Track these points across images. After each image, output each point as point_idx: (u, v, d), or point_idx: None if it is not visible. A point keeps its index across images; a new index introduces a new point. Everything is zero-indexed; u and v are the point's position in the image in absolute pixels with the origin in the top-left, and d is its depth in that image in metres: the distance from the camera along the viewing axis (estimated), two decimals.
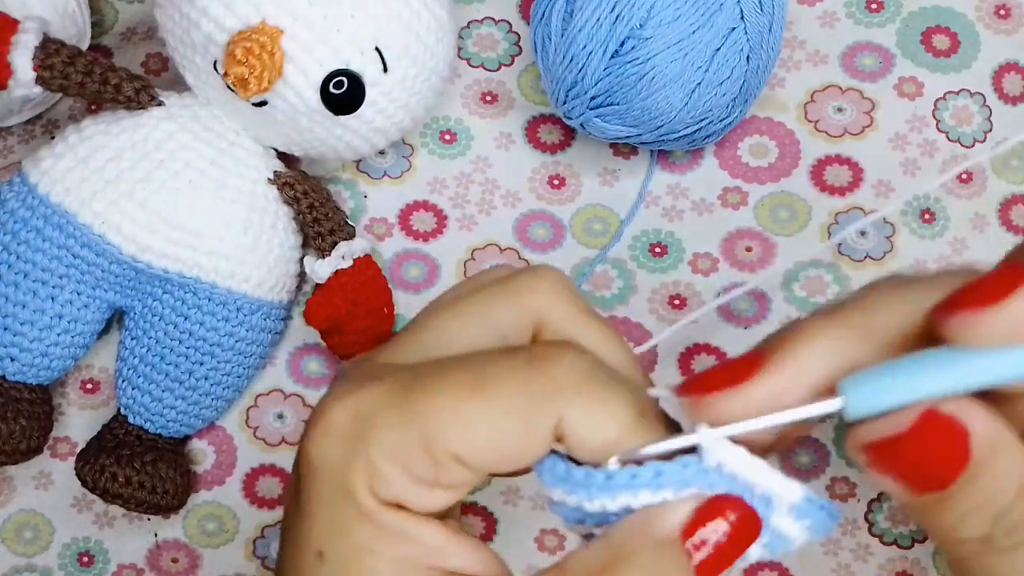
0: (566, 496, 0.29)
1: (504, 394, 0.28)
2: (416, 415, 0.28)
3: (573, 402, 0.28)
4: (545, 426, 0.28)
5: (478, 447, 0.28)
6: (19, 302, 0.49)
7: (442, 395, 0.28)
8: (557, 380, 0.28)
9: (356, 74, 0.47)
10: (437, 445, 0.28)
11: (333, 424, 0.29)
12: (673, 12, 0.48)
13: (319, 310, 0.50)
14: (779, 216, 0.54)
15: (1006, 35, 0.55)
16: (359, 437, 0.28)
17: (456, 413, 0.28)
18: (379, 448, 0.28)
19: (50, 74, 0.48)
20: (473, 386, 0.28)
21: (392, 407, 0.28)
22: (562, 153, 0.55)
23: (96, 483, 0.49)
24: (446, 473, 0.28)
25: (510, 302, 0.30)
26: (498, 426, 0.28)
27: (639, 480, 0.28)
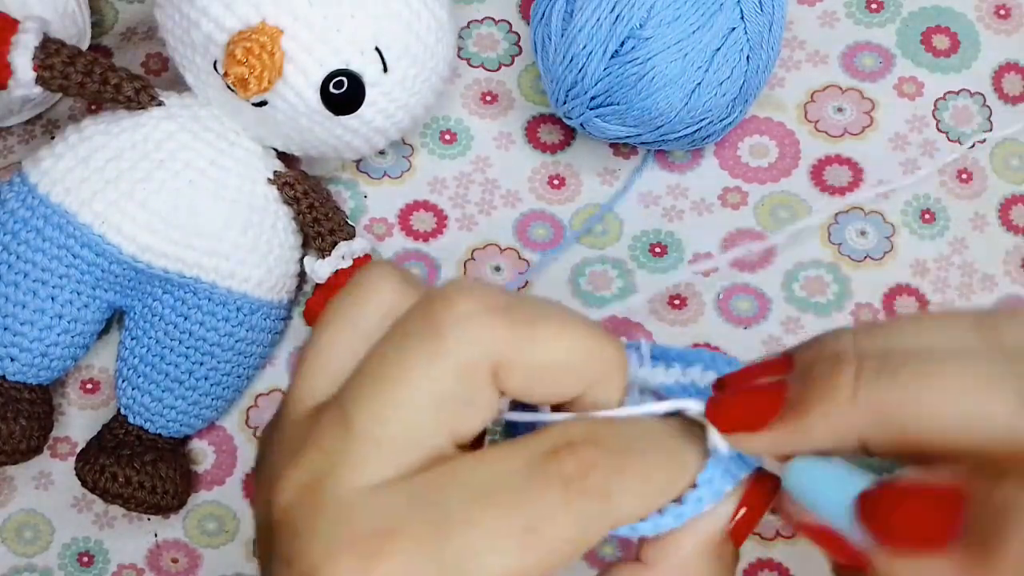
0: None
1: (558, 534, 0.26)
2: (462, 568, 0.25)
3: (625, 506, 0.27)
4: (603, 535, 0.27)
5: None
6: (19, 302, 0.49)
7: (491, 557, 0.25)
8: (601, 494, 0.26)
9: (356, 74, 0.47)
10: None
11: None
12: (673, 12, 0.48)
13: (319, 310, 0.50)
14: (779, 216, 0.54)
15: (1006, 35, 0.55)
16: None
17: (511, 570, 0.26)
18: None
19: (50, 74, 0.48)
20: (522, 538, 0.26)
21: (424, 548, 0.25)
22: (562, 153, 0.55)
23: (96, 483, 0.49)
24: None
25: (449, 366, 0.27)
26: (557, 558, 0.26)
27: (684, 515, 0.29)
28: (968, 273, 0.53)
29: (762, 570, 0.53)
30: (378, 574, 0.25)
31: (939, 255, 0.54)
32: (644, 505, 0.28)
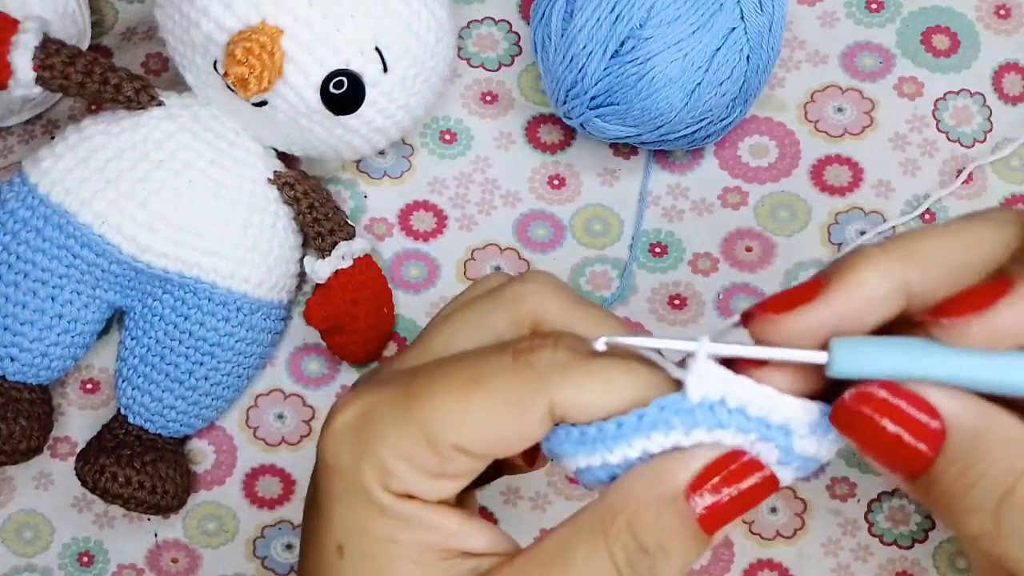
0: (589, 458, 0.30)
1: (496, 387, 0.30)
2: (416, 413, 0.30)
3: (561, 384, 0.30)
4: (539, 410, 0.30)
5: (477, 437, 0.30)
6: (19, 302, 0.49)
7: (440, 393, 0.30)
8: (541, 367, 0.30)
9: (356, 74, 0.47)
10: (439, 439, 0.30)
11: (342, 426, 0.31)
12: (673, 12, 0.48)
13: (319, 310, 0.50)
14: (779, 216, 0.54)
15: (1006, 35, 0.55)
16: (367, 437, 0.30)
17: (453, 408, 0.30)
18: (385, 446, 0.30)
19: (50, 74, 0.48)
20: (467, 382, 0.30)
21: (394, 407, 0.30)
22: (562, 153, 0.55)
23: (96, 483, 0.49)
24: (450, 464, 0.30)
25: (505, 307, 0.33)
26: (494, 416, 0.30)
27: (646, 420, 0.29)
28: None
29: (762, 570, 0.53)
30: (357, 402, 0.31)
31: None
32: (584, 394, 0.30)
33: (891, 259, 0.30)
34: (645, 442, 0.29)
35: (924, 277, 0.29)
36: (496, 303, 0.33)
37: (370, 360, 0.54)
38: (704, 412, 0.29)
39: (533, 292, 0.33)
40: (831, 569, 0.52)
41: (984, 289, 0.28)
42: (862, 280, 0.29)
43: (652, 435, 0.29)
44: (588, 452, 0.30)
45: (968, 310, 0.28)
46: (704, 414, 0.29)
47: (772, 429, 0.29)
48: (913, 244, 0.30)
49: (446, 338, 0.33)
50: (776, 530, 0.52)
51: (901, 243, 0.30)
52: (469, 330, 0.33)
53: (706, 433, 0.29)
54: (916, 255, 0.30)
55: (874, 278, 0.29)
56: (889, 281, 0.29)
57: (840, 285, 0.29)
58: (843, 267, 0.30)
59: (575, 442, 0.30)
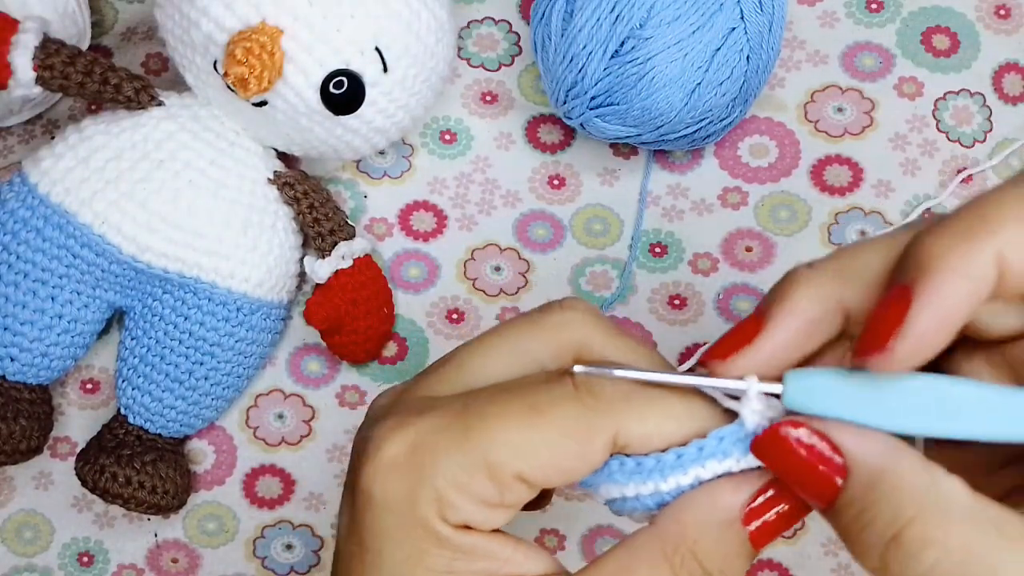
0: (640, 487, 0.30)
1: (560, 416, 0.29)
2: (476, 441, 0.29)
3: (626, 414, 0.29)
4: (603, 441, 0.29)
5: (540, 466, 0.29)
6: (19, 302, 0.49)
7: (500, 421, 0.29)
8: (605, 398, 0.30)
9: (356, 74, 0.47)
10: (501, 469, 0.29)
11: (391, 458, 0.30)
12: (673, 12, 0.48)
13: (319, 310, 0.50)
14: (779, 216, 0.54)
15: (1006, 35, 0.55)
16: (421, 468, 0.29)
17: (516, 437, 0.29)
18: (444, 477, 0.29)
19: (50, 74, 0.48)
20: (529, 411, 0.29)
21: (451, 436, 0.29)
22: (562, 153, 0.55)
23: (96, 483, 0.49)
24: (510, 493, 0.30)
25: (545, 336, 0.32)
26: (558, 447, 0.29)
27: (706, 451, 0.30)
28: None
29: (762, 570, 0.53)
30: (407, 431, 0.30)
31: None
32: (647, 425, 0.30)
33: (822, 280, 0.30)
34: (700, 470, 0.30)
35: (857, 295, 0.30)
36: (536, 330, 0.32)
37: (370, 360, 0.54)
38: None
39: (575, 321, 0.32)
40: (831, 569, 0.52)
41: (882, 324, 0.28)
42: (797, 308, 0.30)
43: (707, 463, 0.30)
44: (641, 481, 0.30)
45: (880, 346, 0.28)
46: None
47: None
48: (844, 261, 0.30)
49: (484, 363, 0.32)
50: None
51: (832, 262, 0.31)
52: (508, 357, 0.32)
53: (755, 459, 0.30)
54: (847, 272, 0.30)
55: (808, 303, 0.30)
56: (823, 303, 0.30)
57: (777, 316, 0.30)
58: (777, 296, 0.30)
59: (629, 472, 0.30)
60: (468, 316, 0.54)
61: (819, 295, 0.30)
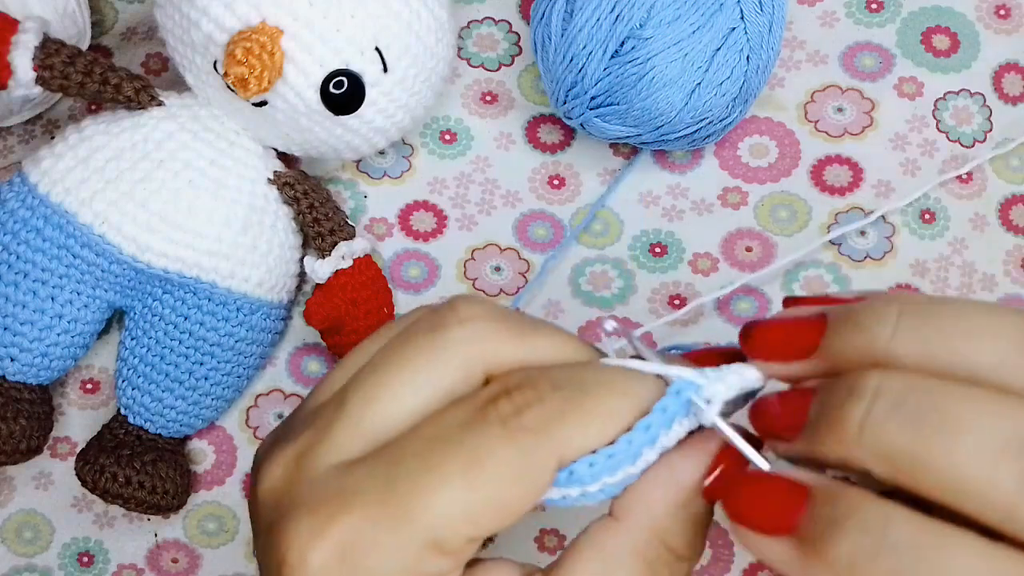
0: (585, 489, 0.29)
1: (498, 465, 0.27)
2: (416, 523, 0.26)
3: (565, 434, 0.28)
4: (549, 470, 0.28)
5: (490, 521, 0.27)
6: (19, 302, 0.49)
7: (437, 493, 0.27)
8: (539, 426, 0.27)
9: (356, 74, 0.47)
10: (450, 540, 0.27)
11: (320, 570, 0.26)
12: (673, 12, 0.48)
13: (319, 310, 0.50)
14: (779, 216, 0.54)
15: (1006, 35, 0.55)
16: (358, 572, 0.26)
17: (459, 505, 0.27)
18: (386, 573, 0.27)
19: (50, 74, 0.48)
20: (464, 471, 0.27)
21: (384, 525, 0.26)
22: (562, 153, 0.55)
23: (96, 483, 0.49)
24: (463, 555, 0.28)
25: (449, 359, 0.29)
26: (505, 495, 0.27)
27: (652, 430, 0.29)
28: (968, 273, 0.53)
29: (762, 570, 0.52)
30: (332, 532, 0.26)
31: (939, 255, 0.54)
32: (589, 436, 0.28)
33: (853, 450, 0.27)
34: (649, 450, 0.29)
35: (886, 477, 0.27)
36: (438, 355, 0.29)
37: None
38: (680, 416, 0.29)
39: (478, 333, 0.29)
40: None
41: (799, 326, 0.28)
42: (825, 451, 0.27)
43: (659, 439, 0.29)
44: (610, 474, 0.29)
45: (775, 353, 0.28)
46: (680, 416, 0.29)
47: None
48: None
49: (387, 408, 0.28)
50: None
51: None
52: (412, 393, 0.28)
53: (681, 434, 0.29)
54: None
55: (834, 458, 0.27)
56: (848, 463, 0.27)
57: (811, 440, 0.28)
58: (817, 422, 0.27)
59: (598, 471, 0.29)
60: None
61: (846, 461, 0.27)
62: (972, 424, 0.25)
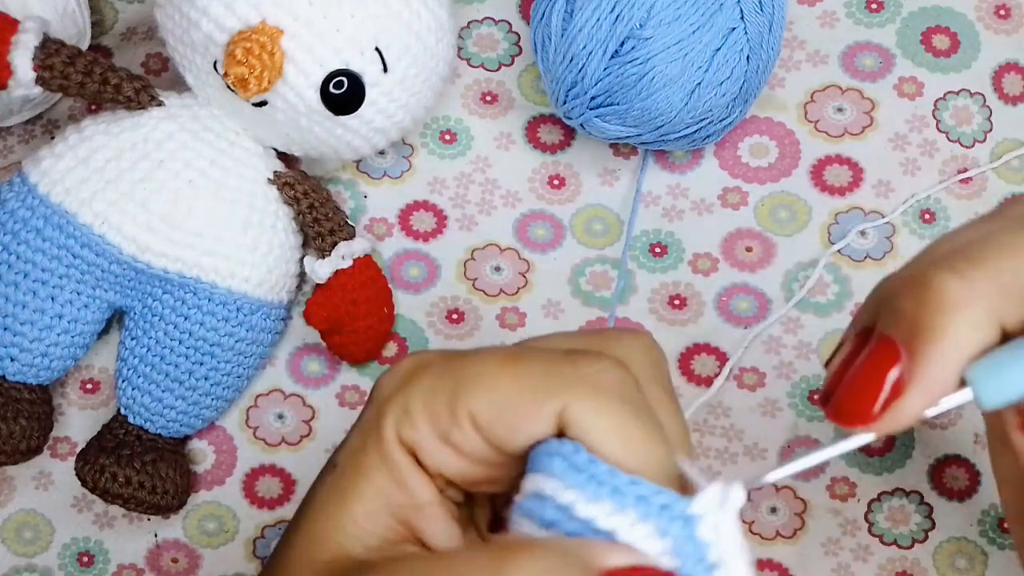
0: (561, 491, 0.28)
1: (527, 370, 0.29)
2: (452, 371, 0.30)
3: (585, 398, 0.28)
4: (550, 407, 0.29)
5: (489, 410, 0.29)
6: (19, 302, 0.49)
7: (479, 360, 0.30)
8: (578, 373, 0.29)
9: (356, 74, 0.47)
10: (458, 400, 0.30)
11: (399, 368, 0.31)
12: (673, 12, 0.48)
13: (319, 310, 0.50)
14: (779, 216, 0.54)
15: (1006, 35, 0.55)
16: (409, 380, 0.31)
17: (482, 375, 0.30)
18: (416, 392, 0.30)
19: (50, 74, 0.48)
20: (505, 358, 0.30)
21: (440, 363, 0.31)
22: (562, 153, 0.55)
23: (96, 483, 0.49)
24: (458, 432, 0.30)
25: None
26: (512, 395, 0.29)
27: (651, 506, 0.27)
28: None
29: (762, 570, 0.53)
30: (423, 355, 0.31)
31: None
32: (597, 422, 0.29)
33: (982, 301, 0.25)
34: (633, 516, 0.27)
35: (1018, 313, 0.25)
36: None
37: (370, 360, 0.53)
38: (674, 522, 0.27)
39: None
40: (831, 569, 0.52)
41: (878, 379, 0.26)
42: (956, 346, 0.25)
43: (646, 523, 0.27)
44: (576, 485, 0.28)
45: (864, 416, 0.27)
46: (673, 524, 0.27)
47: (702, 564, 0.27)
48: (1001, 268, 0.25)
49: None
50: (776, 530, 0.52)
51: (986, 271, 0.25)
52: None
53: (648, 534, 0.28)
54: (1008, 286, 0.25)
55: (969, 336, 0.25)
56: (985, 332, 0.25)
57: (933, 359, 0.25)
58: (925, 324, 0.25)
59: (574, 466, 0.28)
60: (468, 316, 0.54)
61: (980, 322, 0.25)
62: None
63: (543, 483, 0.29)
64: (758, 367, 0.53)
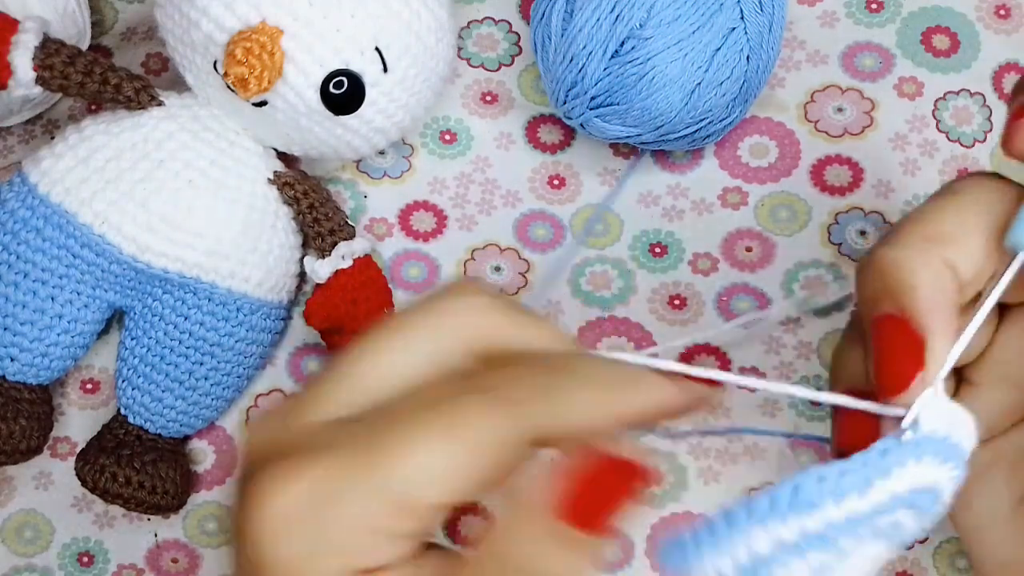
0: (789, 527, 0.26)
1: (477, 431, 0.26)
2: (388, 480, 0.26)
3: (548, 414, 0.27)
4: (524, 445, 0.27)
5: (459, 487, 0.27)
6: (19, 302, 0.49)
7: (413, 451, 0.26)
8: (522, 400, 0.27)
9: (356, 74, 0.47)
10: (416, 503, 0.26)
11: (284, 516, 0.26)
12: (673, 12, 0.48)
13: (319, 310, 0.50)
14: (779, 216, 0.54)
15: (1006, 35, 0.55)
16: (322, 522, 0.26)
17: (434, 466, 0.26)
18: (350, 527, 0.26)
19: (50, 74, 0.48)
20: (443, 433, 0.26)
21: (354, 478, 0.26)
22: (562, 153, 0.55)
23: (96, 483, 0.49)
24: (428, 522, 0.27)
25: (443, 330, 0.29)
26: (478, 463, 0.27)
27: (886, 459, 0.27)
28: None
29: None
30: (299, 479, 0.26)
31: None
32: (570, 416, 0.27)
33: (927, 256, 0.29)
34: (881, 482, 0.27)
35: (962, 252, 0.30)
36: (431, 324, 0.29)
37: None
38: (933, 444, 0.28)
39: (471, 309, 0.29)
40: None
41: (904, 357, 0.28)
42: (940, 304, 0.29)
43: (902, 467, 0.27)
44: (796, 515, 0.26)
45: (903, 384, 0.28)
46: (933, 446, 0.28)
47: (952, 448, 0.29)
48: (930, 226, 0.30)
49: (369, 373, 0.28)
50: None
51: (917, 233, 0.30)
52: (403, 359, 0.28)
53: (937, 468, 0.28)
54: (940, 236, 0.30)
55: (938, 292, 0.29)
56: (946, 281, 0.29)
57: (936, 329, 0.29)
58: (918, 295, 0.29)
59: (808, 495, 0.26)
60: None
61: (941, 275, 0.29)
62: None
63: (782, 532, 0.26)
64: (758, 367, 0.53)
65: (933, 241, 0.30)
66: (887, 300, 0.30)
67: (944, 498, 0.29)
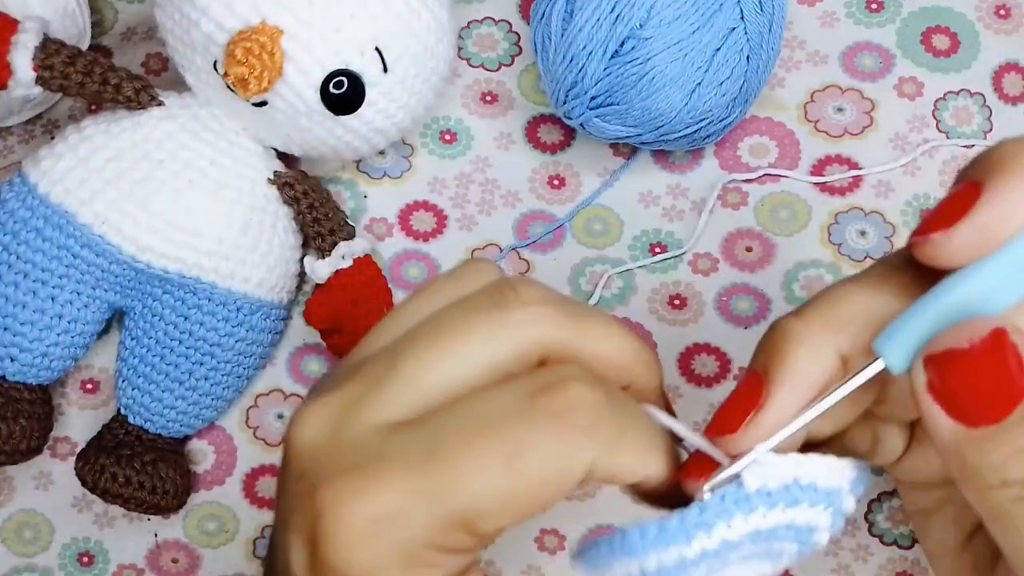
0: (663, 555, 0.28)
1: (542, 460, 0.27)
2: (451, 503, 0.27)
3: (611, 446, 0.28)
4: (583, 472, 0.28)
5: (521, 511, 0.28)
6: (19, 302, 0.49)
7: (479, 477, 0.27)
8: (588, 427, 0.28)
9: (356, 74, 0.47)
10: (480, 524, 0.27)
11: (353, 530, 0.27)
12: (673, 12, 0.48)
13: (319, 310, 0.50)
14: (779, 216, 0.54)
15: (1006, 35, 0.55)
16: (392, 539, 0.27)
17: (497, 492, 0.27)
18: (416, 542, 0.27)
19: (50, 74, 0.48)
20: (509, 461, 0.27)
21: (421, 500, 0.27)
22: (562, 153, 0.55)
23: (96, 483, 0.49)
24: (488, 539, 0.28)
25: (508, 339, 0.29)
26: (541, 489, 0.27)
27: (727, 504, 0.28)
28: None
29: None
30: (372, 498, 0.27)
31: None
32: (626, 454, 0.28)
33: (817, 336, 0.30)
34: (725, 530, 0.28)
35: (852, 342, 0.30)
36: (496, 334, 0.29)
37: None
38: (783, 491, 0.29)
39: (535, 319, 0.29)
40: (831, 569, 0.52)
41: (955, 198, 0.28)
42: (798, 371, 0.29)
43: (732, 522, 0.28)
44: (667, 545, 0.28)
45: (947, 223, 0.27)
46: (783, 492, 0.29)
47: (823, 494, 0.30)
48: (833, 309, 0.30)
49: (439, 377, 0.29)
50: None
51: (820, 311, 0.30)
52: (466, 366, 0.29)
53: (781, 512, 0.29)
54: (838, 321, 0.30)
55: (808, 364, 0.30)
56: (823, 361, 0.30)
57: (779, 382, 0.30)
58: (774, 356, 0.30)
59: (652, 539, 0.28)
60: None
61: (817, 354, 0.30)
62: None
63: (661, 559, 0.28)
64: None
65: (831, 329, 0.30)
66: (759, 360, 0.31)
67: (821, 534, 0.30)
